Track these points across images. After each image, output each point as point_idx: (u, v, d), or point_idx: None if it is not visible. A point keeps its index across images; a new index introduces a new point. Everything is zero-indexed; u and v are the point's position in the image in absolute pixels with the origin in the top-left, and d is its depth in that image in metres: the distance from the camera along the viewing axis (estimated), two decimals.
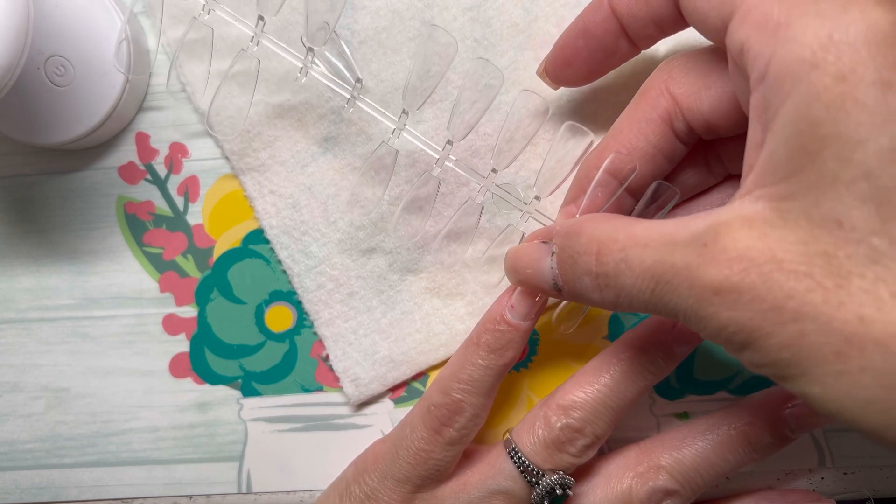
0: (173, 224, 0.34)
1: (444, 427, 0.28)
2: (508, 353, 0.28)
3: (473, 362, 0.28)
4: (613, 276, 0.22)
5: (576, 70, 0.28)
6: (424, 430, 0.29)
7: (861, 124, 0.18)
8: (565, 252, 0.24)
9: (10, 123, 0.32)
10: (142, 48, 0.33)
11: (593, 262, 0.23)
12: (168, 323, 0.34)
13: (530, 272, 0.26)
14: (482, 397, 0.28)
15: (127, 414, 0.35)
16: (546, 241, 0.26)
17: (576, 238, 0.24)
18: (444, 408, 0.28)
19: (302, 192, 0.33)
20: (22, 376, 0.35)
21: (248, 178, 0.33)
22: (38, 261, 0.35)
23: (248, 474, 0.34)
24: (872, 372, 0.17)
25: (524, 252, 0.26)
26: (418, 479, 0.29)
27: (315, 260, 0.33)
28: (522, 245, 0.27)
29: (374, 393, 0.33)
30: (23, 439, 0.35)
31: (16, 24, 0.25)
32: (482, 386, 0.28)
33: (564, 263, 0.24)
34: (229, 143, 0.33)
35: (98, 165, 0.34)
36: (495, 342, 0.28)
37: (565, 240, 0.25)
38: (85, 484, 0.35)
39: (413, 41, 0.32)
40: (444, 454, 0.28)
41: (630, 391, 0.27)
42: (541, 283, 0.26)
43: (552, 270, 0.25)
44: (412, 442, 0.29)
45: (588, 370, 0.28)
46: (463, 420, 0.28)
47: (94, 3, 0.31)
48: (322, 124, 0.33)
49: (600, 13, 0.27)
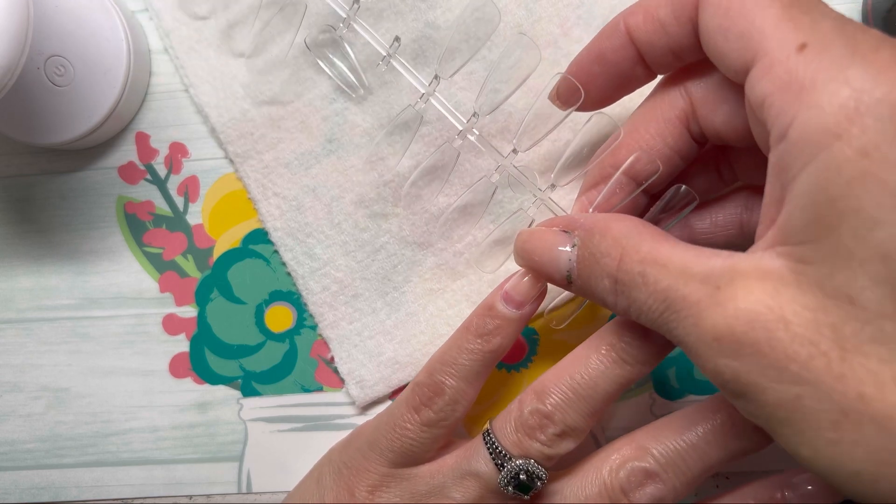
0: (173, 224, 0.34)
1: (422, 407, 0.28)
2: (496, 339, 0.28)
3: (461, 346, 0.28)
4: (630, 286, 0.22)
5: (589, 96, 0.27)
6: (406, 407, 0.28)
7: (881, 204, 0.17)
8: (587, 248, 0.24)
9: (10, 123, 0.32)
10: (142, 48, 0.33)
11: (615, 266, 0.23)
12: (168, 323, 0.34)
13: (544, 258, 0.25)
14: (464, 382, 0.28)
15: (127, 414, 0.35)
16: (567, 231, 0.25)
17: (601, 237, 0.24)
18: (425, 387, 0.28)
19: (306, 194, 0.33)
20: (22, 376, 0.35)
21: (252, 180, 0.33)
22: (38, 261, 0.35)
23: (248, 474, 0.34)
24: (865, 447, 0.18)
25: (540, 236, 0.26)
26: (393, 455, 0.28)
27: (319, 262, 0.33)
28: (539, 229, 0.26)
29: (379, 395, 0.33)
30: (23, 439, 0.35)
31: (16, 24, 0.25)
32: (466, 371, 0.28)
33: (585, 259, 0.24)
34: (233, 145, 0.33)
35: (98, 165, 0.34)
36: (483, 327, 0.28)
37: (589, 235, 0.24)
38: (85, 484, 0.35)
39: (416, 42, 0.32)
40: (419, 434, 0.28)
41: (606, 384, 0.26)
42: (551, 272, 0.25)
43: (569, 262, 0.25)
44: (392, 417, 0.29)
45: (568, 358, 0.27)
46: (441, 402, 0.28)
47: (94, 4, 0.31)
48: (326, 126, 0.33)
49: (616, 39, 0.26)
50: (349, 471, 0.29)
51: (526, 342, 0.33)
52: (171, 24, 0.33)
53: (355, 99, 0.33)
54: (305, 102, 0.33)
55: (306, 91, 0.33)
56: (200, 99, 0.33)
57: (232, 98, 0.33)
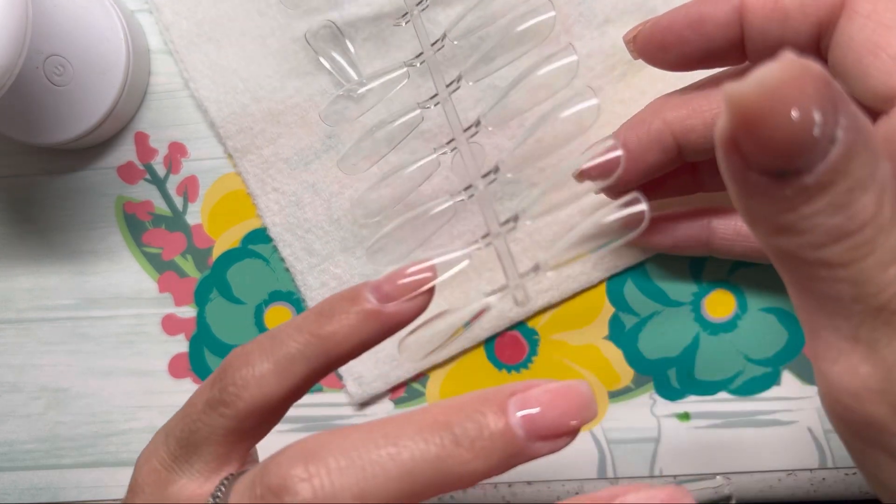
0: (172, 224, 0.34)
1: (215, 381, 0.22)
2: (332, 325, 0.21)
3: (294, 321, 0.22)
4: (859, 257, 0.15)
5: (669, 56, 0.25)
6: (208, 379, 0.22)
7: None
8: (848, 162, 0.14)
9: (9, 123, 0.31)
10: (141, 47, 0.33)
11: (870, 214, 0.15)
12: (167, 323, 0.34)
13: (806, 115, 0.14)
14: (272, 364, 0.21)
15: (126, 414, 0.34)
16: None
17: (871, 159, 0.14)
18: (230, 357, 0.22)
19: (305, 190, 0.33)
20: (21, 376, 0.35)
21: (251, 175, 0.33)
22: (37, 261, 0.35)
23: None
24: None
25: (810, 80, 0.14)
26: (176, 437, 0.22)
27: (318, 258, 0.33)
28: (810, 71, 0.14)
29: (377, 391, 0.33)
30: (22, 439, 0.35)
31: (15, 23, 0.25)
32: (283, 352, 0.21)
33: (843, 170, 0.14)
34: (232, 140, 0.33)
35: (97, 165, 0.34)
36: (326, 306, 0.22)
37: (857, 147, 0.14)
38: (84, 484, 0.35)
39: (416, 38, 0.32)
40: (201, 416, 0.21)
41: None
42: (797, 142, 0.14)
43: (827, 147, 0.14)
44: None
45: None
46: (235, 376, 0.21)
47: (94, 3, 0.31)
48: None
49: (724, 12, 0.23)
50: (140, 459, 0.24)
51: (526, 342, 0.33)
52: (170, 18, 0.33)
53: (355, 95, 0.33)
54: (305, 97, 0.33)
55: (306, 86, 0.33)
56: (200, 93, 0.33)
57: (232, 93, 0.33)
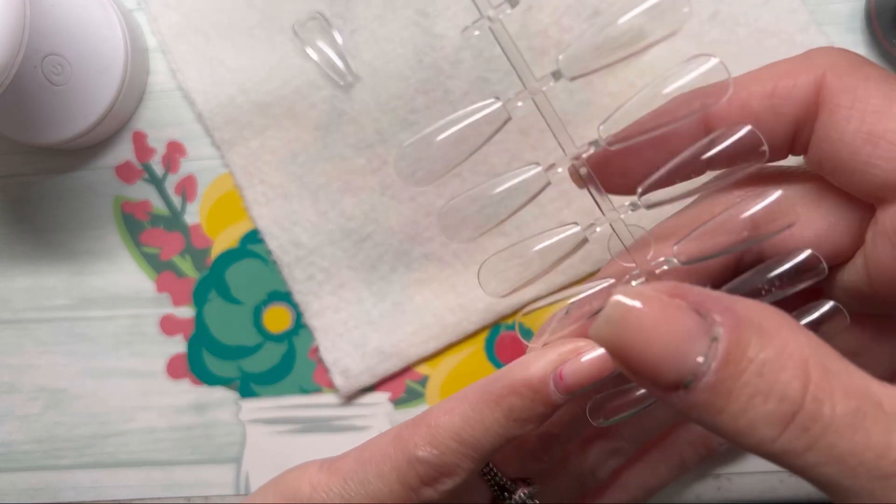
0: (171, 224, 0.34)
1: (424, 486, 0.23)
2: (531, 425, 0.22)
3: (486, 426, 0.22)
4: (825, 428, 0.15)
5: (630, 182, 0.22)
6: (398, 483, 0.23)
7: None
8: (742, 351, 0.15)
9: (7, 122, 0.31)
10: (139, 46, 0.33)
11: (798, 390, 0.15)
12: (165, 323, 0.34)
13: (658, 352, 0.16)
14: (481, 463, 0.23)
15: (124, 415, 0.34)
16: (700, 314, 0.16)
17: (768, 340, 0.15)
18: (431, 467, 0.22)
19: (292, 182, 0.33)
20: (19, 377, 0.35)
21: (238, 167, 0.33)
22: (34, 261, 0.35)
23: (246, 476, 0.34)
24: None
25: (657, 315, 0.16)
26: None
27: (305, 250, 0.33)
28: (653, 298, 0.16)
29: (363, 385, 0.33)
30: (20, 440, 0.35)
31: (12, 22, 0.24)
32: (486, 452, 0.22)
33: (735, 364, 0.15)
34: (220, 131, 0.33)
35: (95, 165, 0.34)
36: (522, 411, 0.22)
37: (744, 333, 0.15)
38: (82, 485, 0.35)
39: (406, 29, 0.32)
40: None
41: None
42: (663, 371, 0.16)
43: (699, 365, 0.15)
44: (374, 490, 0.23)
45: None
46: (450, 483, 0.22)
47: (92, 1, 0.31)
48: (313, 113, 0.33)
49: (689, 127, 0.21)
50: None
51: (526, 343, 0.33)
52: (158, 9, 0.33)
53: (343, 86, 0.32)
54: (293, 89, 0.33)
55: (294, 78, 0.33)
56: (187, 84, 0.33)
57: (219, 84, 0.33)
